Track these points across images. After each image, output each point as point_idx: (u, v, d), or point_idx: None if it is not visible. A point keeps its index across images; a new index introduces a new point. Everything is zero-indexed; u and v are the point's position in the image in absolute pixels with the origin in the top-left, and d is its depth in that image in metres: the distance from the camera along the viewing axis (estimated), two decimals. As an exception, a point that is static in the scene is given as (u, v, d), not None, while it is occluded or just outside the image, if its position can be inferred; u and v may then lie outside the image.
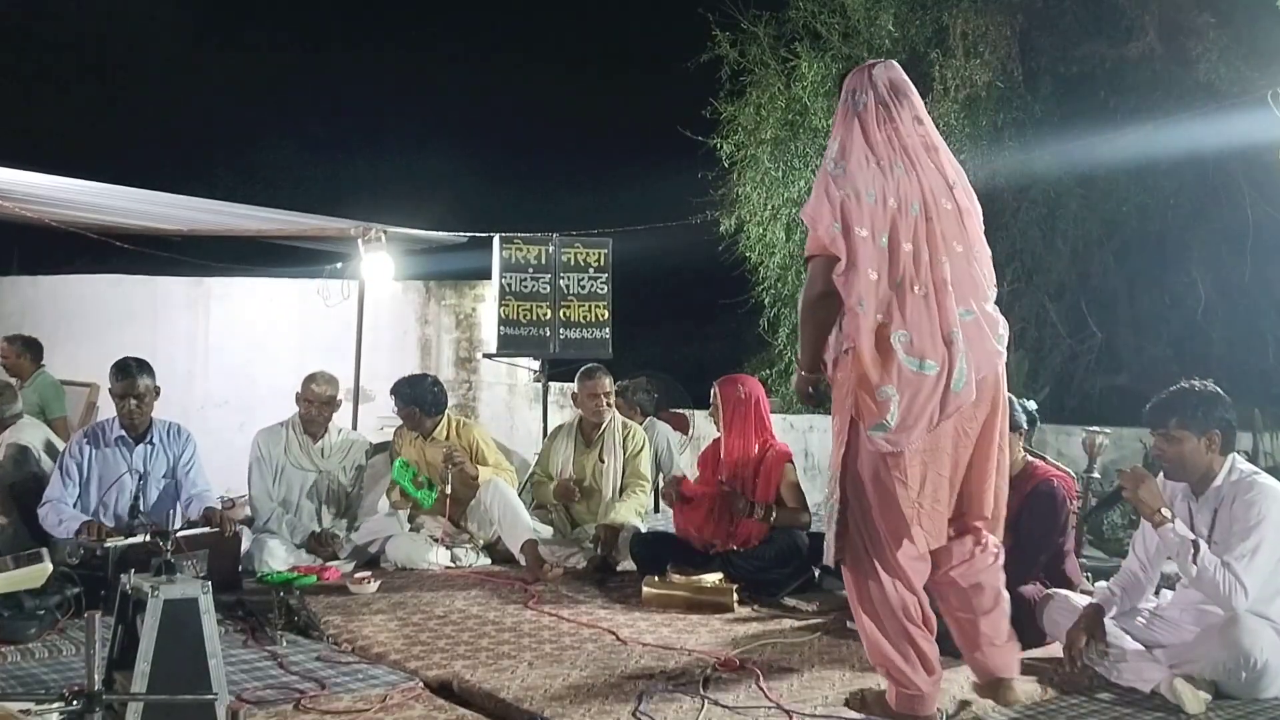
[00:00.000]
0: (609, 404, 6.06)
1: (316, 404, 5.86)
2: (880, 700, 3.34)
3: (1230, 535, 3.49)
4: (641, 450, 6.01)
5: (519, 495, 5.89)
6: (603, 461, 5.98)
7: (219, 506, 5.08)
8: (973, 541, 3.31)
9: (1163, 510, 3.53)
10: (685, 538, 5.28)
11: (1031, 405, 4.42)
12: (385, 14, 22.06)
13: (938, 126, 9.50)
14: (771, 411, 5.53)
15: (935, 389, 3.11)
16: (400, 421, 6.04)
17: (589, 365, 6.25)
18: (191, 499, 5.15)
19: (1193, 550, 3.44)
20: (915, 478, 3.15)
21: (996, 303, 3.37)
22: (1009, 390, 3.42)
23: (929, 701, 3.24)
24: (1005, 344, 3.30)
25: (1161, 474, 3.75)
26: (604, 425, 6.03)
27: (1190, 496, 3.68)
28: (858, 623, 3.32)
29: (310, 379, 5.93)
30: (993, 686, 3.39)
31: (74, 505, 5.04)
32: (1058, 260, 9.36)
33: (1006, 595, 3.40)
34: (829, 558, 3.30)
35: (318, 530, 5.72)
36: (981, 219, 3.39)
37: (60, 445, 5.61)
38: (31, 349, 7.24)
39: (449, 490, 5.69)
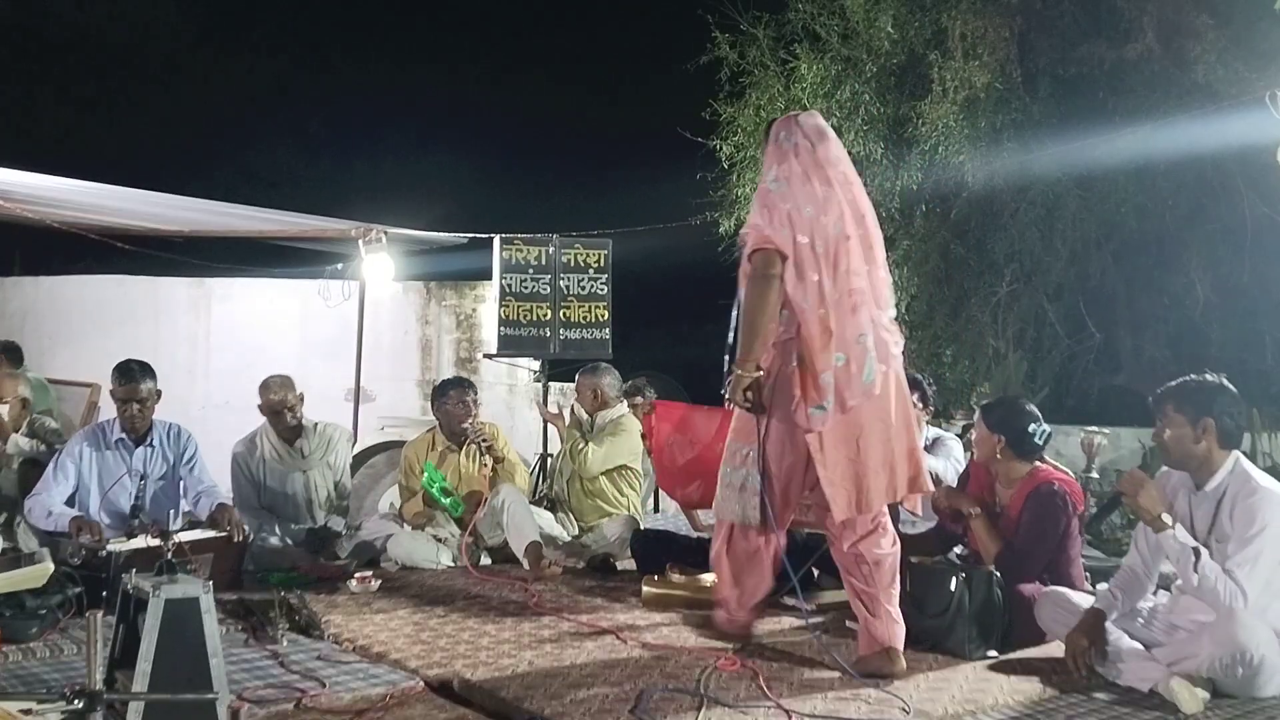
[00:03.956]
0: (599, 400, 6.22)
1: (283, 410, 5.79)
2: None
3: (1230, 541, 3.50)
4: (619, 430, 6.11)
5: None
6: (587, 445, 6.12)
7: (230, 502, 5.05)
8: (872, 520, 3.78)
9: (1163, 516, 3.54)
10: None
11: (1047, 429, 4.43)
12: (386, 15, 22.06)
13: (937, 128, 9.51)
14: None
15: (848, 377, 3.65)
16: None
17: (591, 364, 6.40)
18: (200, 495, 5.13)
19: (1194, 558, 3.45)
20: (831, 455, 3.66)
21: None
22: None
23: (740, 620, 4.05)
24: (900, 352, 3.85)
25: (1164, 465, 3.77)
26: (596, 416, 6.23)
27: (1191, 490, 3.68)
28: (716, 567, 4.01)
29: (264, 387, 5.82)
30: (881, 655, 3.72)
31: (67, 503, 5.00)
32: (1056, 261, 9.36)
33: (897, 580, 3.83)
34: (750, 518, 3.80)
35: (314, 527, 5.72)
36: (884, 246, 3.94)
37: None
38: (10, 353, 7.25)
39: (487, 463, 5.70)
